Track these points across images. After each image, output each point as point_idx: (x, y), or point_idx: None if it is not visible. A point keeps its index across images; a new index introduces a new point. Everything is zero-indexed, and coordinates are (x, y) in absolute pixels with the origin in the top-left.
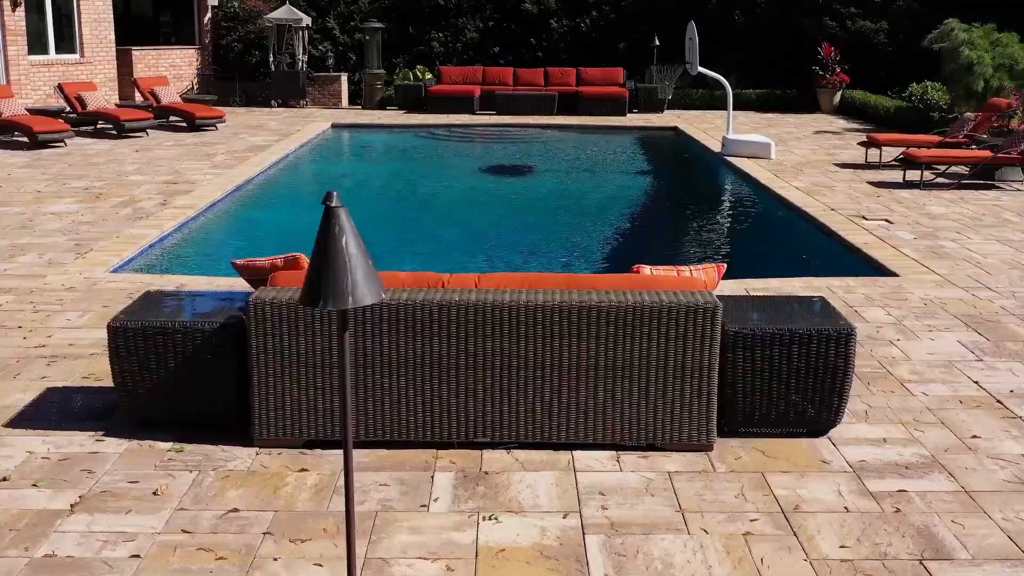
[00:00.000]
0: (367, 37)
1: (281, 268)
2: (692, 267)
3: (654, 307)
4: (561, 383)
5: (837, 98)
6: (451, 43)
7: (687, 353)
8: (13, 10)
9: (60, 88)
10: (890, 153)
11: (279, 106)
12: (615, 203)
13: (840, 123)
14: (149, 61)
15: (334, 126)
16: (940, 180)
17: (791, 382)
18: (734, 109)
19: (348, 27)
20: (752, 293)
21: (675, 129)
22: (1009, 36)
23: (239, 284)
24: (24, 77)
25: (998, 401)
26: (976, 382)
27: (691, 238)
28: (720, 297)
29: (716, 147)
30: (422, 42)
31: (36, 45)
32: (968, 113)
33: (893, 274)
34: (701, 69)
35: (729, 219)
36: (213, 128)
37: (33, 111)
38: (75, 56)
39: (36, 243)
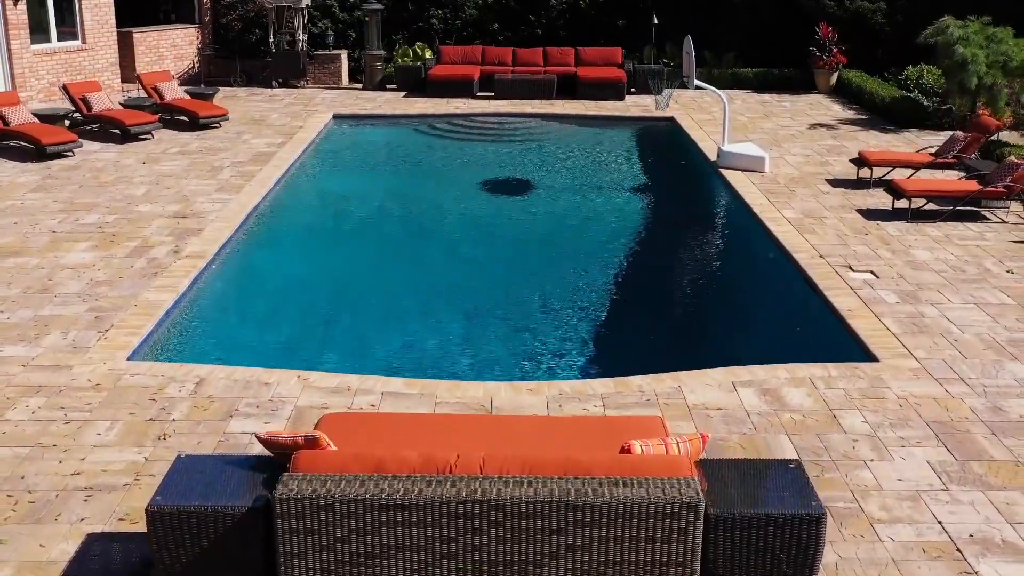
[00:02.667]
0: (367, 19)
1: (303, 447)
2: (679, 438)
3: (643, 502)
4: (557, 564)
5: (834, 79)
6: (450, 20)
7: (672, 539)
8: (15, 4)
9: (65, 89)
10: (881, 166)
11: (280, 86)
12: (603, 245)
13: (836, 110)
14: (150, 43)
15: (335, 117)
16: (928, 207)
17: (767, 557)
18: (731, 88)
19: (347, 4)
20: (736, 379)
21: (671, 120)
22: (1004, 31)
23: (255, 379)
24: (28, 69)
25: (958, 549)
26: (940, 522)
27: (677, 295)
28: (701, 463)
29: (711, 148)
30: (421, 19)
31: (37, 33)
32: (958, 132)
33: (873, 358)
34: (698, 83)
35: (719, 267)
36: (217, 126)
37: (40, 116)
38: (77, 43)
39: (58, 315)
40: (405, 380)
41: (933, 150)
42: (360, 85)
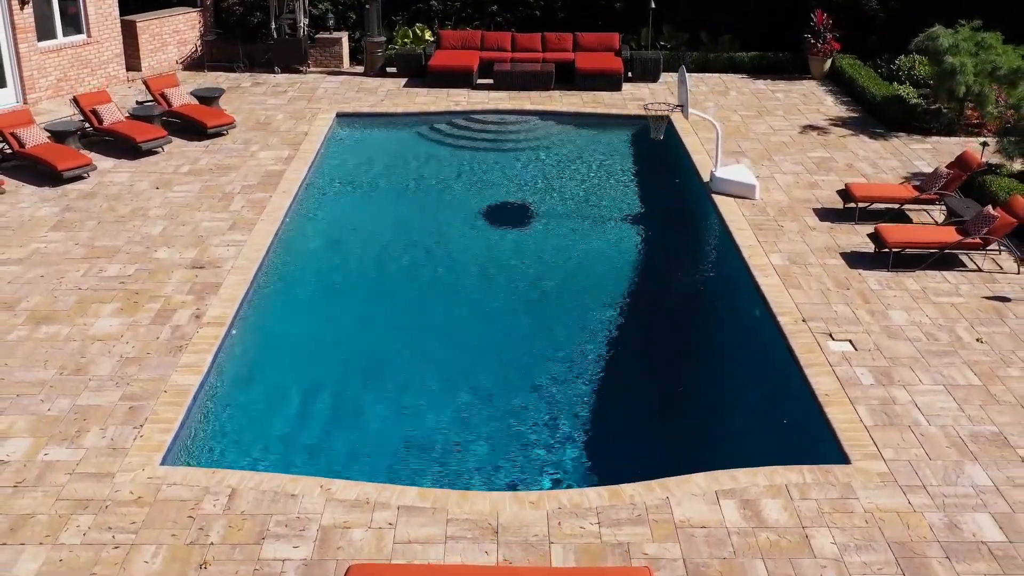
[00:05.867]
0: (368, 6)
1: None
2: None
3: None
4: None
5: (827, 65)
6: (450, 1)
7: None
8: (21, 8)
9: (76, 102)
10: (866, 201)
11: (282, 71)
12: (591, 307)
13: (828, 104)
14: (153, 31)
15: (339, 116)
16: (908, 251)
17: None
18: (727, 72)
19: None
20: (719, 487)
21: (667, 120)
22: (994, 36)
23: (282, 490)
24: (36, 71)
25: None
26: None
27: (668, 366)
28: None
29: (704, 161)
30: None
31: (43, 30)
32: (941, 167)
33: (846, 459)
34: (692, 111)
35: (706, 332)
36: (225, 133)
37: (52, 132)
38: (82, 37)
39: (94, 405)
40: (419, 491)
41: (918, 183)
42: (361, 68)
